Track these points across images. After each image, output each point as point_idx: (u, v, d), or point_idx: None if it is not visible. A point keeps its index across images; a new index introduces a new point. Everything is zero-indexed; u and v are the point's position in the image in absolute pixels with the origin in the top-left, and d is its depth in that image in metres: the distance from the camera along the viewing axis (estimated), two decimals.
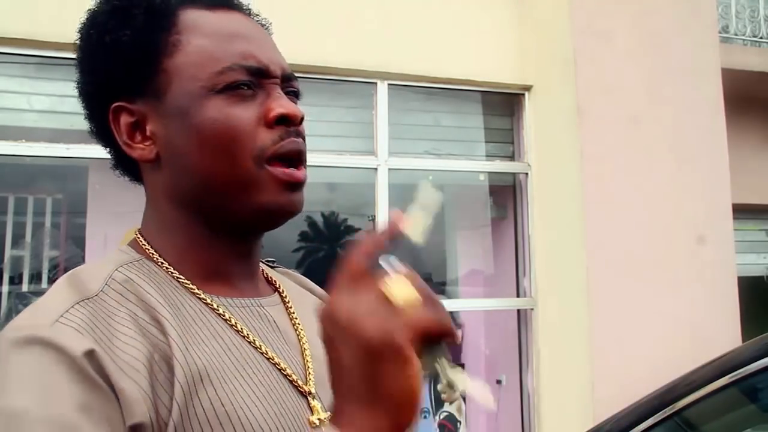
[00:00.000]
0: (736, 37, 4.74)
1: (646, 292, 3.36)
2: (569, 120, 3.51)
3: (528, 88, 3.83)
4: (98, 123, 0.73)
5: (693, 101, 3.66)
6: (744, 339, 3.34)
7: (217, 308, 0.68)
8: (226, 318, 0.68)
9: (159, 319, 0.62)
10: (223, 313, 0.68)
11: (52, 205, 3.90)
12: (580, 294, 3.35)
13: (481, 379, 0.54)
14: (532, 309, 3.73)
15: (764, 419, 2.29)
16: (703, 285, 3.49)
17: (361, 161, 3.58)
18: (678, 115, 3.60)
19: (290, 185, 0.69)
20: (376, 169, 3.55)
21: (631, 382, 2.65)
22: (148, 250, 0.70)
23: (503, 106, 3.96)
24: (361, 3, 3.49)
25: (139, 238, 0.72)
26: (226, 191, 0.68)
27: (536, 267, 3.73)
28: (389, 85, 3.60)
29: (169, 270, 0.69)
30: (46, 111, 3.19)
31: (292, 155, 0.70)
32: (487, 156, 3.99)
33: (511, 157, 3.94)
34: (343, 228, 5.79)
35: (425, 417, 4.13)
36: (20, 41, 2.93)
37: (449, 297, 4.40)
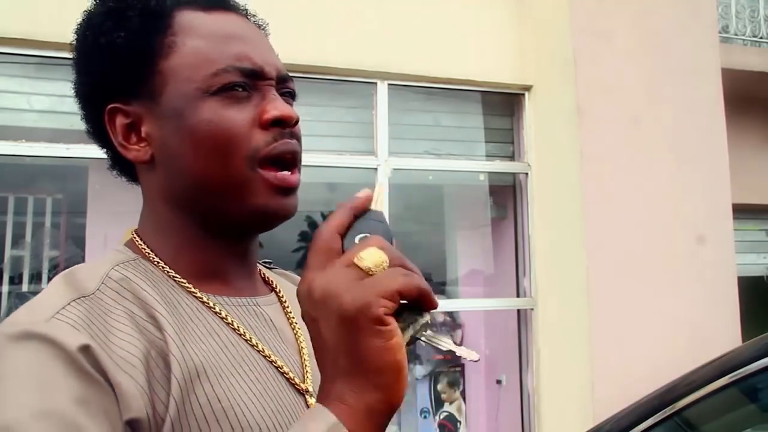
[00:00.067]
0: (736, 37, 4.74)
1: (646, 292, 3.36)
2: (569, 120, 3.51)
3: (528, 88, 3.83)
4: (94, 124, 0.73)
5: (693, 101, 3.67)
6: (744, 339, 3.34)
7: (214, 306, 0.68)
8: (222, 316, 0.68)
9: (155, 316, 0.62)
10: (219, 312, 0.68)
11: (52, 205, 3.90)
12: (580, 294, 3.35)
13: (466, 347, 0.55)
14: (532, 309, 3.74)
15: (764, 419, 2.29)
16: (703, 285, 3.50)
17: (361, 161, 3.58)
18: (678, 115, 3.61)
19: (283, 189, 0.69)
20: (376, 169, 3.55)
21: (631, 382, 2.65)
22: (145, 250, 0.71)
23: (503, 106, 3.96)
24: (361, 3, 3.49)
25: (135, 238, 0.73)
26: (220, 192, 0.68)
27: (536, 267, 3.73)
28: (389, 85, 3.61)
29: (165, 269, 0.69)
30: (46, 111, 3.19)
31: (286, 156, 0.69)
32: (487, 156, 3.99)
33: (511, 157, 3.94)
34: None
35: (425, 417, 4.13)
36: (20, 41, 2.94)
37: (449, 297, 4.40)
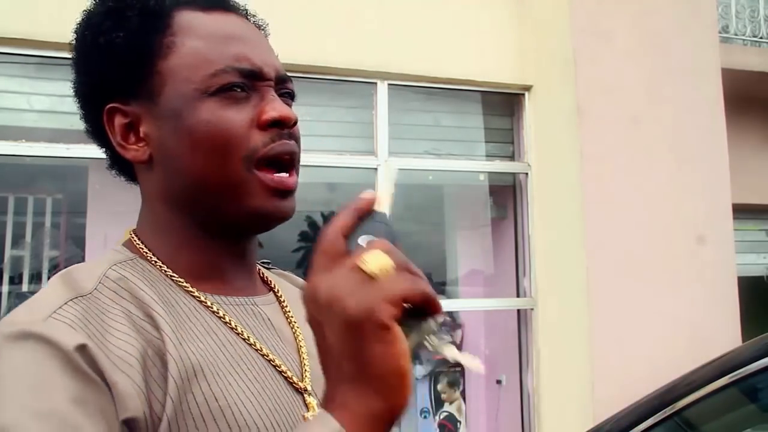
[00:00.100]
0: (736, 37, 4.74)
1: (646, 292, 3.36)
2: (569, 120, 3.51)
3: (528, 88, 3.83)
4: (93, 123, 0.73)
5: (693, 101, 3.67)
6: (744, 339, 3.34)
7: (211, 306, 0.68)
8: (220, 315, 0.68)
9: (152, 315, 0.62)
10: (217, 311, 0.68)
11: (52, 205, 3.90)
12: (580, 294, 3.35)
13: (471, 354, 0.53)
14: (532, 309, 3.74)
15: (764, 419, 2.29)
16: (703, 285, 3.50)
17: (361, 161, 3.58)
18: (678, 115, 3.61)
19: (280, 192, 0.69)
20: (376, 169, 3.55)
21: (631, 382, 2.65)
22: (142, 249, 0.71)
23: (503, 106, 3.96)
24: (361, 3, 3.49)
25: (133, 238, 0.73)
26: (217, 193, 0.68)
27: (536, 267, 3.73)
28: (389, 85, 3.61)
29: (163, 268, 0.69)
30: (46, 111, 3.19)
31: (283, 157, 0.69)
32: (487, 156, 3.99)
33: (511, 157, 3.94)
34: None
35: (425, 417, 4.13)
36: (20, 41, 2.94)
37: (449, 297, 4.40)
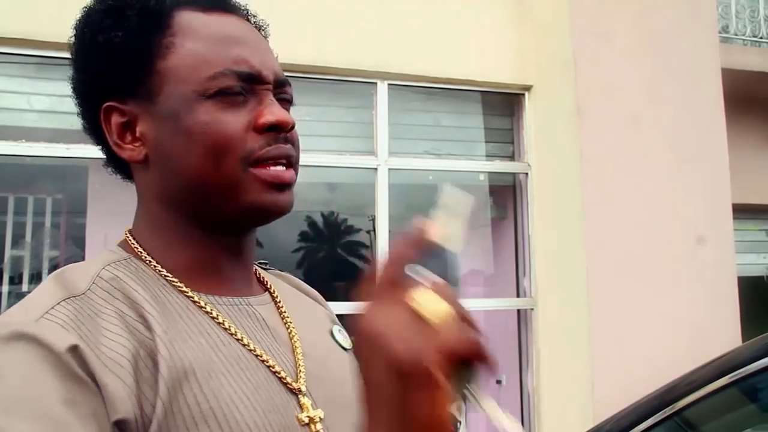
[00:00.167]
0: (736, 37, 4.74)
1: (646, 292, 3.36)
2: (569, 120, 3.51)
3: (528, 88, 3.83)
4: (90, 121, 0.73)
5: (693, 101, 3.66)
6: (744, 339, 3.34)
7: (205, 306, 0.68)
8: (213, 316, 0.68)
9: (145, 316, 0.62)
10: (210, 311, 0.68)
11: (52, 205, 3.91)
12: (580, 294, 3.35)
13: (511, 415, 0.52)
14: (532, 309, 3.74)
15: (764, 419, 2.29)
16: (703, 285, 3.49)
17: (361, 161, 3.58)
18: (678, 115, 3.60)
19: (276, 185, 0.69)
20: (376, 169, 3.55)
21: (631, 382, 2.65)
22: (137, 249, 0.70)
23: (503, 106, 3.96)
24: (361, 3, 3.49)
25: (128, 237, 0.72)
26: (213, 193, 0.68)
27: (536, 267, 3.73)
28: (389, 85, 3.61)
29: (157, 268, 0.69)
30: (46, 111, 3.19)
31: (279, 160, 0.69)
32: (487, 156, 3.99)
33: (511, 157, 3.94)
34: (343, 228, 5.80)
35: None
36: (20, 41, 2.94)
37: None
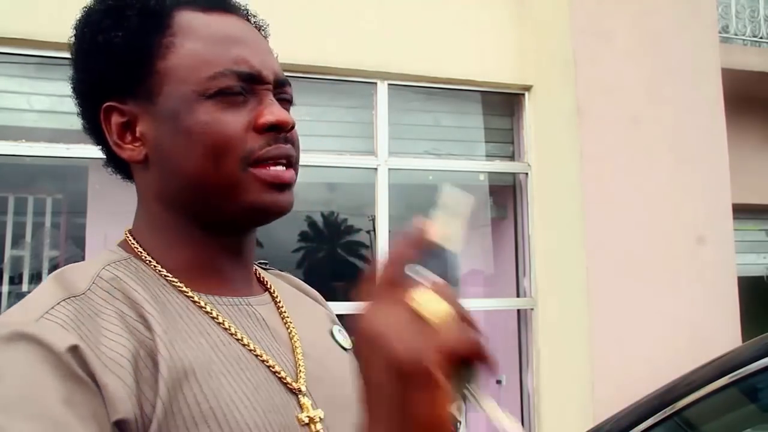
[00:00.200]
0: (736, 37, 4.74)
1: (646, 292, 3.36)
2: (569, 120, 3.51)
3: (528, 88, 3.83)
4: (90, 121, 0.73)
5: (693, 101, 3.66)
6: (744, 339, 3.34)
7: (205, 306, 0.68)
8: (213, 316, 0.68)
9: (145, 316, 0.62)
10: (210, 311, 0.68)
11: (52, 205, 3.91)
12: (580, 294, 3.35)
13: (511, 415, 0.52)
14: (532, 309, 3.74)
15: (764, 419, 2.29)
16: (703, 285, 3.49)
17: (361, 161, 3.58)
18: (678, 115, 3.60)
19: (276, 185, 0.69)
20: (376, 169, 3.55)
21: (631, 382, 2.65)
22: (137, 249, 0.70)
23: (503, 106, 3.96)
24: (361, 3, 3.49)
25: (128, 237, 0.72)
26: (213, 193, 0.68)
27: (536, 267, 3.73)
28: (389, 85, 3.61)
29: (157, 268, 0.69)
30: (46, 111, 3.19)
31: (279, 160, 0.69)
32: (487, 156, 3.99)
33: (511, 157, 3.94)
34: (343, 228, 5.79)
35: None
36: (20, 41, 2.94)
37: None
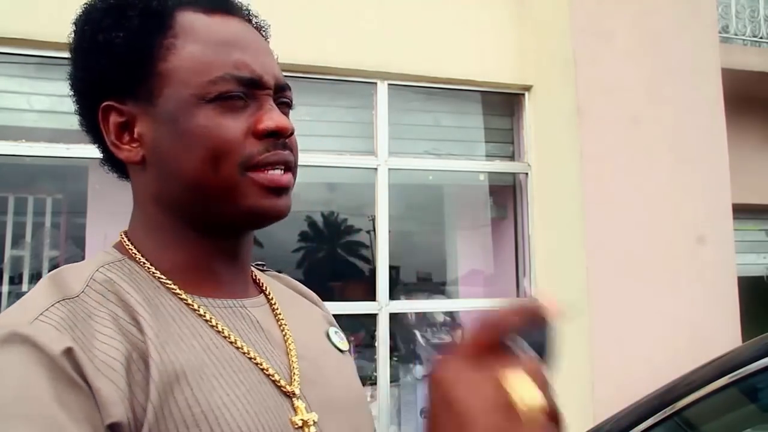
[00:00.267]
0: (736, 37, 4.74)
1: (646, 292, 3.36)
2: (569, 120, 3.51)
3: (528, 88, 3.83)
4: (88, 120, 0.73)
5: (693, 101, 3.66)
6: (744, 339, 3.34)
7: (198, 308, 0.68)
8: (206, 318, 0.67)
9: (137, 319, 0.62)
10: (203, 314, 0.67)
11: (52, 205, 3.90)
12: (580, 294, 3.35)
13: None
14: None
15: (764, 419, 2.29)
16: (703, 285, 3.49)
17: (361, 161, 3.58)
18: (678, 115, 3.60)
19: (274, 189, 0.69)
20: (376, 169, 3.55)
21: (631, 382, 2.65)
22: (131, 251, 0.70)
23: (503, 106, 3.96)
24: (361, 3, 3.49)
25: (123, 239, 0.72)
26: (210, 197, 0.68)
27: (536, 267, 3.73)
28: (389, 85, 3.61)
29: (151, 270, 0.69)
30: (46, 111, 3.19)
31: (278, 167, 0.69)
32: (487, 156, 3.99)
33: (511, 157, 3.94)
34: (343, 228, 5.80)
35: (425, 417, 4.13)
36: (20, 41, 2.94)
37: (449, 297, 4.40)
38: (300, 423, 0.66)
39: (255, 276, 0.80)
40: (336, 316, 0.91)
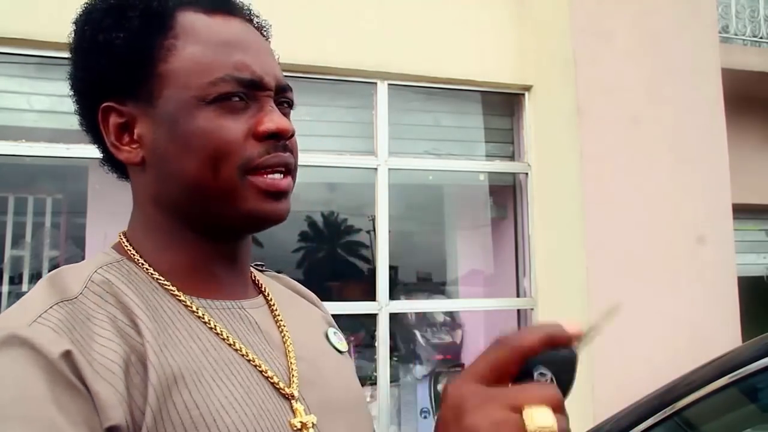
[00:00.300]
0: (736, 37, 4.74)
1: (646, 292, 3.36)
2: (569, 120, 3.51)
3: (528, 88, 3.83)
4: (88, 120, 0.73)
5: (693, 101, 3.66)
6: (744, 339, 3.34)
7: (197, 310, 0.67)
8: (205, 320, 0.67)
9: (135, 321, 0.61)
10: (202, 316, 0.67)
11: (52, 205, 3.91)
12: (580, 294, 3.35)
13: None
14: (532, 309, 3.74)
15: (764, 419, 2.29)
16: (703, 285, 3.49)
17: (361, 161, 3.58)
18: (678, 115, 3.60)
19: (273, 193, 0.68)
20: (376, 169, 3.55)
21: (631, 382, 2.65)
22: (130, 251, 0.70)
23: (503, 106, 3.96)
24: (361, 3, 3.49)
25: (122, 239, 0.72)
26: (209, 199, 0.67)
27: (536, 267, 3.73)
28: (389, 85, 3.61)
29: (149, 271, 0.68)
30: (46, 111, 3.19)
31: (277, 169, 0.69)
32: (487, 156, 3.99)
33: (511, 157, 3.94)
34: (343, 228, 5.80)
35: (425, 417, 4.13)
36: (20, 41, 2.94)
37: (449, 297, 4.40)
38: (299, 425, 0.66)
39: (254, 277, 0.80)
40: (336, 316, 0.91)
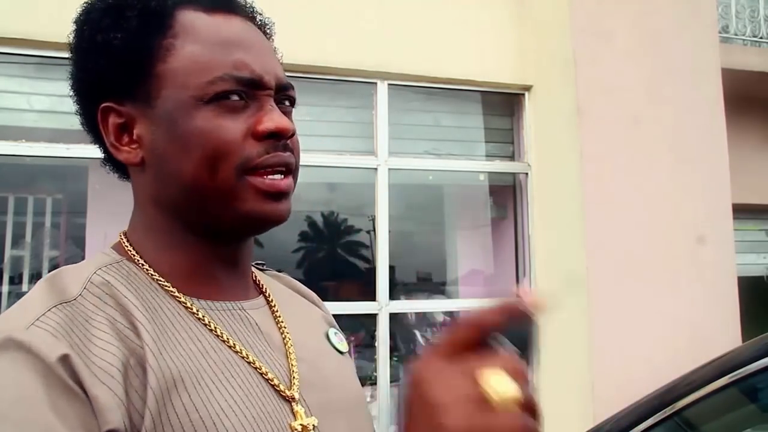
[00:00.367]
0: (736, 37, 4.74)
1: (646, 292, 3.36)
2: (569, 120, 3.51)
3: (528, 88, 3.83)
4: (88, 120, 0.72)
5: (693, 101, 3.66)
6: (744, 339, 3.34)
7: (197, 312, 0.66)
8: (205, 322, 0.66)
9: (135, 323, 0.61)
10: (202, 317, 0.66)
11: (52, 205, 3.90)
12: (580, 294, 3.35)
13: None
14: None
15: (764, 419, 2.28)
16: (703, 285, 3.49)
17: (361, 161, 3.58)
18: (678, 115, 3.60)
19: (272, 194, 0.67)
20: (376, 169, 3.55)
21: (631, 382, 2.65)
22: (130, 252, 0.69)
23: (503, 106, 3.96)
24: (361, 3, 3.49)
25: (122, 240, 0.72)
26: (208, 200, 0.67)
27: (536, 267, 3.73)
28: (389, 85, 3.61)
29: (149, 272, 0.68)
30: (46, 111, 3.19)
31: (277, 169, 0.68)
32: (487, 156, 3.99)
33: (511, 157, 3.94)
34: (343, 228, 5.80)
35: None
36: (20, 41, 2.94)
37: (449, 297, 4.40)
38: (299, 428, 0.66)
39: (254, 276, 0.79)
40: (336, 316, 0.91)
